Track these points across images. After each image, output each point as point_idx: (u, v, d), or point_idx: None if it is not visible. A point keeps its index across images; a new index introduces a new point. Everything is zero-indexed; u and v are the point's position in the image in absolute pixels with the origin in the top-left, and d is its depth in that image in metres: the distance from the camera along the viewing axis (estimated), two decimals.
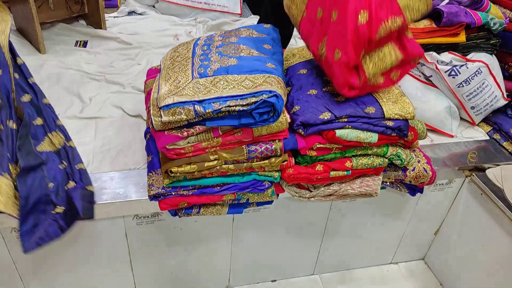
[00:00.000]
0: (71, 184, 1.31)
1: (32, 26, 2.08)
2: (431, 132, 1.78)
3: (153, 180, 1.30)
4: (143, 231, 1.51)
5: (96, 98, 1.89)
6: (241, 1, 2.73)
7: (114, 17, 2.58)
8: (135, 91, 1.93)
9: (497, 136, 1.79)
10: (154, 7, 2.70)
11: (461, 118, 1.85)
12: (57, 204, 1.24)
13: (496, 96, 1.77)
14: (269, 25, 1.51)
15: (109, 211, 1.38)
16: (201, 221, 1.55)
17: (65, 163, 1.37)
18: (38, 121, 1.43)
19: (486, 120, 1.85)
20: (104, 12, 2.34)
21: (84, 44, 2.28)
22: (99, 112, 1.80)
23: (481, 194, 1.60)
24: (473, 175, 1.63)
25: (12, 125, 1.32)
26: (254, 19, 2.67)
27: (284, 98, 1.16)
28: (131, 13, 2.65)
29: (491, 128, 1.82)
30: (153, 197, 1.30)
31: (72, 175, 1.34)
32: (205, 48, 1.34)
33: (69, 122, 1.74)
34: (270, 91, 1.12)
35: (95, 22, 2.39)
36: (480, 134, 1.82)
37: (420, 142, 1.63)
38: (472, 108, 1.78)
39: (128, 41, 2.31)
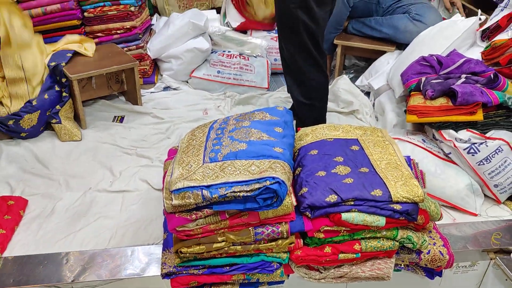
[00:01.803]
0: None
1: (75, 105, 2.30)
2: (453, 210, 1.74)
3: (165, 258, 1.35)
4: None
5: (126, 172, 2.01)
6: (269, 76, 2.87)
7: (151, 92, 2.79)
8: (162, 165, 2.04)
9: None
10: (187, 82, 2.90)
11: (486, 196, 1.80)
12: None
13: None
14: (283, 107, 1.59)
15: (124, 286, 1.43)
16: None
17: None
18: None
19: None
20: (140, 90, 2.55)
21: (121, 119, 2.47)
22: (127, 186, 1.92)
23: (506, 280, 1.52)
24: (497, 259, 1.56)
25: None
26: (281, 92, 2.79)
27: (288, 184, 1.21)
28: (166, 88, 2.86)
29: None
30: (165, 276, 1.34)
31: None
32: (219, 132, 1.43)
33: (99, 195, 1.87)
34: (274, 178, 1.17)
35: (133, 98, 2.60)
36: (506, 213, 1.76)
37: (442, 221, 1.59)
38: (496, 186, 1.74)
39: (160, 115, 2.48)
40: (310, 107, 2.08)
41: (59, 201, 1.83)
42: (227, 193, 1.16)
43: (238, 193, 1.16)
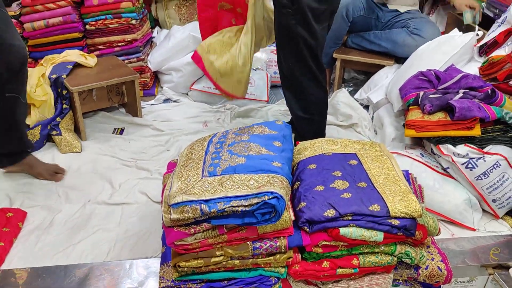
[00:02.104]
0: None
1: (76, 117, 2.31)
2: (451, 225, 1.74)
3: (163, 272, 1.35)
4: None
5: (125, 184, 2.02)
6: (268, 89, 2.89)
7: (151, 104, 2.81)
8: (161, 177, 2.05)
9: None
10: (187, 94, 2.92)
11: (484, 211, 1.80)
12: None
13: None
14: (282, 121, 1.60)
15: None
16: None
17: None
18: None
19: (510, 214, 1.80)
20: (140, 102, 2.56)
21: (121, 131, 2.48)
22: (126, 198, 1.93)
23: None
24: (496, 274, 1.56)
25: None
26: (280, 105, 2.81)
27: (286, 198, 1.21)
28: (166, 100, 2.88)
29: None
30: None
31: None
32: (218, 146, 1.44)
33: (98, 208, 1.88)
34: (272, 193, 1.17)
35: (133, 110, 2.61)
36: (505, 228, 1.76)
37: (440, 236, 1.59)
38: (494, 201, 1.74)
39: (160, 128, 2.49)
40: (309, 121, 2.09)
41: (58, 213, 1.83)
42: (225, 208, 1.17)
43: (237, 208, 1.17)
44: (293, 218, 1.27)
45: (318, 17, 1.89)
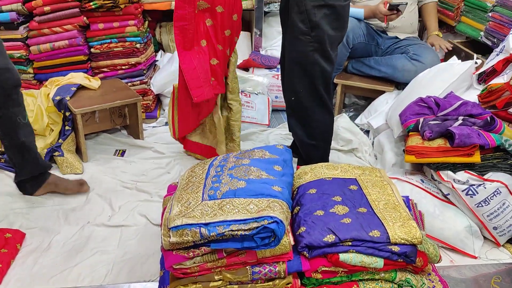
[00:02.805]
0: None
1: (78, 138, 2.33)
2: (452, 252, 1.73)
3: None
4: None
5: (125, 206, 2.01)
6: (269, 113, 2.92)
7: (153, 127, 2.82)
8: (161, 200, 2.05)
9: None
10: None
11: (485, 238, 1.79)
12: None
13: None
14: (282, 146, 1.61)
15: None
16: None
17: None
18: None
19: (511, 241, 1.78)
20: (142, 124, 2.58)
21: (123, 153, 2.49)
22: (126, 221, 1.92)
23: None
24: None
25: None
26: (281, 129, 2.82)
27: (286, 223, 1.21)
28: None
29: None
30: None
31: None
32: (219, 170, 1.44)
33: (97, 230, 1.87)
34: (272, 217, 1.17)
35: (135, 133, 2.63)
36: (506, 256, 1.75)
37: (441, 263, 1.58)
38: (495, 228, 1.73)
39: (161, 150, 2.50)
40: (314, 147, 2.09)
41: (56, 235, 1.82)
42: (225, 232, 1.17)
43: (236, 232, 1.17)
44: (292, 243, 1.27)
45: (333, 44, 1.92)
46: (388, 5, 2.55)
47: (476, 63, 2.26)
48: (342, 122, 2.69)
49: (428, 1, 2.87)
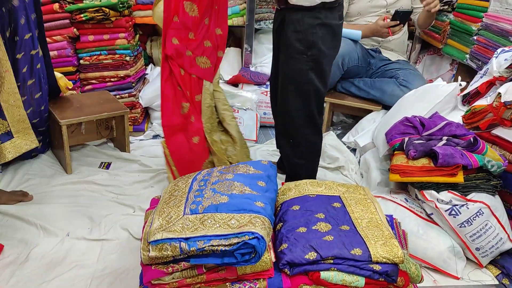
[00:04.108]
0: None
1: (62, 150, 2.30)
2: (434, 272, 1.72)
3: None
4: None
5: (107, 219, 1.98)
6: (257, 129, 2.92)
7: (140, 140, 2.81)
8: (143, 214, 2.02)
9: (506, 282, 1.70)
10: None
11: (468, 259, 1.79)
12: None
13: (501, 238, 1.73)
14: (267, 161, 1.61)
15: None
16: None
17: None
18: None
19: (494, 263, 1.79)
20: (129, 137, 2.57)
21: (108, 165, 2.46)
22: (107, 234, 1.89)
23: None
24: None
25: None
26: (268, 145, 2.82)
27: (267, 239, 1.20)
28: (156, 136, 2.88)
29: (500, 272, 1.75)
30: None
31: None
32: (202, 184, 1.43)
33: (77, 243, 1.83)
34: (253, 233, 1.17)
35: (121, 145, 2.61)
36: (488, 277, 1.75)
37: (423, 283, 1.58)
38: (478, 249, 1.74)
39: (147, 163, 2.48)
40: (302, 166, 2.09)
41: (35, 247, 1.78)
42: (205, 247, 1.16)
43: (217, 247, 1.16)
44: (274, 259, 1.26)
45: (328, 64, 1.94)
46: (394, 12, 2.57)
47: (460, 85, 2.29)
48: (329, 140, 2.70)
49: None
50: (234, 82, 3.16)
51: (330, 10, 1.84)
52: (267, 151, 2.75)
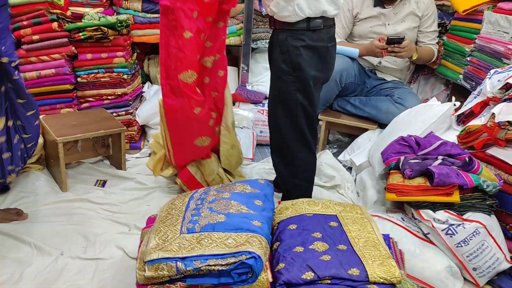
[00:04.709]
0: None
1: (58, 167, 2.29)
2: None
3: None
4: None
5: (101, 238, 1.96)
6: (254, 148, 2.93)
7: (137, 157, 2.80)
8: (139, 232, 2.00)
9: None
10: None
11: (465, 279, 1.78)
12: None
13: (498, 258, 1.73)
14: (264, 180, 1.61)
15: None
16: None
17: None
18: None
19: (491, 283, 1.78)
20: (125, 155, 2.56)
21: (103, 183, 2.45)
22: (102, 253, 1.86)
23: None
24: None
25: None
26: (265, 163, 2.83)
27: (264, 259, 1.20)
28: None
29: None
30: None
31: None
32: (199, 203, 1.43)
33: (71, 262, 1.81)
34: (250, 252, 1.16)
35: (117, 163, 2.60)
36: None
37: None
38: (474, 269, 1.73)
39: (143, 181, 2.47)
40: (297, 185, 2.09)
41: (28, 266, 1.76)
42: (201, 266, 1.15)
43: (213, 267, 1.15)
44: (270, 279, 1.25)
45: (316, 85, 1.95)
46: (386, 39, 2.62)
47: (454, 105, 2.32)
48: (325, 158, 2.71)
49: (426, 44, 2.84)
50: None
51: (315, 32, 1.86)
52: (264, 169, 2.76)
